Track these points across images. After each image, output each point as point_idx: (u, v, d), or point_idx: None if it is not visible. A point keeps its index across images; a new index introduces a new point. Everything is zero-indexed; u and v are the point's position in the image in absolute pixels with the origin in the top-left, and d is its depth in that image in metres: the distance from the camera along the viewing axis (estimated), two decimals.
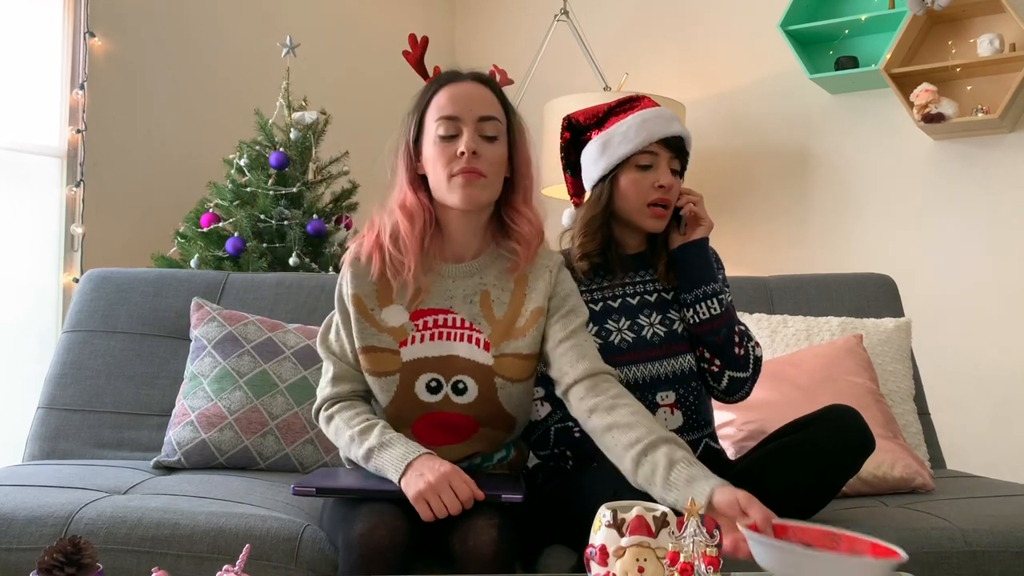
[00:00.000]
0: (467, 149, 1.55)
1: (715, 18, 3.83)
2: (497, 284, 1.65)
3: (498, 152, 1.59)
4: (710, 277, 1.77)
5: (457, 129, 1.57)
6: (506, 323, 1.63)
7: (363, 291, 1.62)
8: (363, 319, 1.62)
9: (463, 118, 1.57)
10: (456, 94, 1.58)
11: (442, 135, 1.57)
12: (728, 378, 1.78)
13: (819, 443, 1.64)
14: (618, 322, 1.78)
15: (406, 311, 1.61)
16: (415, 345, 1.60)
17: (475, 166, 1.55)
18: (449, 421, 1.61)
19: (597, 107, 1.83)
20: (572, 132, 1.85)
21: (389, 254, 1.60)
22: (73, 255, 2.98)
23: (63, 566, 1.07)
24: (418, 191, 1.61)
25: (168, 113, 3.25)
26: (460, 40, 4.44)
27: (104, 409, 2.18)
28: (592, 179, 1.80)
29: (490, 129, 1.58)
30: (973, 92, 3.29)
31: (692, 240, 1.78)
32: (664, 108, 1.80)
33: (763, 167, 3.72)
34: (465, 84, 1.60)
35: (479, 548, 1.42)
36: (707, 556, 1.08)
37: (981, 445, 3.12)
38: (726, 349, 1.76)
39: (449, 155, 1.56)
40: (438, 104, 1.59)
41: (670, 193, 1.75)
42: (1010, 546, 1.58)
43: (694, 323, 1.77)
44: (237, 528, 1.57)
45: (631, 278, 1.83)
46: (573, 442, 1.72)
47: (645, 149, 1.74)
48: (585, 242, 1.80)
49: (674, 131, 1.76)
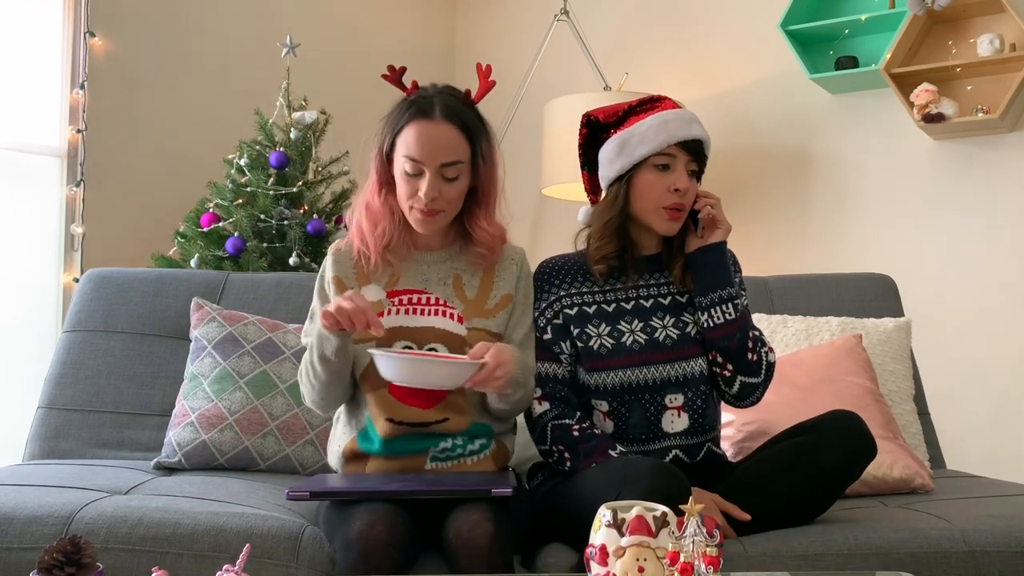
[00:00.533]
0: (426, 196, 1.67)
1: (715, 18, 3.83)
2: (467, 271, 1.78)
3: (458, 188, 1.71)
4: (726, 281, 1.76)
5: (419, 171, 1.68)
6: (477, 303, 1.76)
7: (343, 273, 1.77)
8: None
9: (426, 164, 1.67)
10: (422, 137, 1.67)
11: (407, 172, 1.68)
12: (740, 383, 1.77)
13: (821, 449, 1.64)
14: (631, 324, 1.78)
15: (383, 290, 1.74)
16: (392, 316, 1.72)
17: (433, 207, 1.68)
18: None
19: (618, 105, 1.82)
20: (590, 129, 1.83)
21: (358, 248, 1.76)
22: (73, 255, 2.98)
23: (63, 566, 1.07)
24: (388, 193, 1.75)
25: (168, 113, 3.25)
26: (460, 40, 4.44)
27: (104, 409, 2.18)
28: (609, 178, 1.79)
29: (451, 173, 1.68)
30: (973, 92, 3.28)
31: (709, 244, 1.77)
32: (686, 110, 1.79)
33: (763, 167, 3.72)
34: (433, 125, 1.68)
35: (475, 541, 1.44)
36: (707, 556, 1.08)
37: (981, 445, 3.12)
38: (739, 354, 1.75)
39: (411, 191, 1.69)
40: (407, 141, 1.69)
41: (686, 196, 1.74)
42: (1010, 546, 1.58)
43: (708, 327, 1.76)
44: (237, 527, 1.57)
45: (645, 280, 1.82)
46: (571, 440, 1.72)
47: (663, 151, 1.73)
48: (603, 244, 1.79)
49: (694, 134, 1.75)
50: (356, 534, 1.43)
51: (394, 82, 1.76)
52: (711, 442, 1.81)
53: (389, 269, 1.76)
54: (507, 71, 3.96)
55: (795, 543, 1.57)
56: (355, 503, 1.52)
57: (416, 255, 1.78)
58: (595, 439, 1.71)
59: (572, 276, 1.83)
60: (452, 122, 1.69)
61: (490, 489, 1.51)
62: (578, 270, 1.83)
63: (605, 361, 1.75)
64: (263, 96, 3.12)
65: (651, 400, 1.75)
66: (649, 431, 1.75)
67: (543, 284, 1.83)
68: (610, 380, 1.75)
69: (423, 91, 1.73)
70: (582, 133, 1.84)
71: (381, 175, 1.74)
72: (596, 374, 1.76)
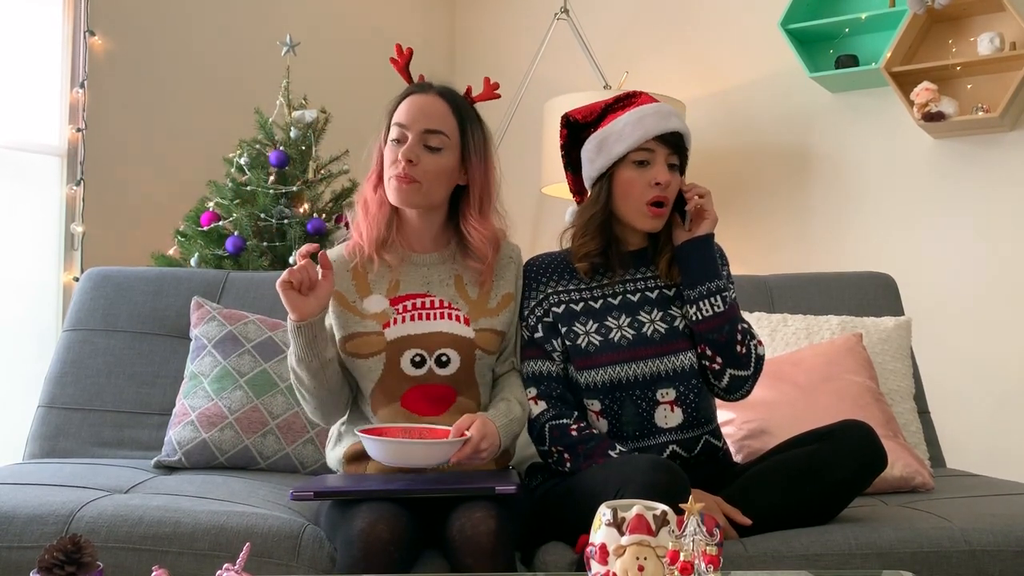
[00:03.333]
0: (403, 157, 1.68)
1: (715, 16, 3.83)
2: (467, 271, 1.79)
3: (439, 163, 1.70)
4: (714, 274, 1.76)
5: (404, 136, 1.70)
6: (480, 302, 1.77)
7: (343, 287, 1.75)
8: (346, 311, 1.74)
9: (410, 127, 1.69)
10: (412, 105, 1.71)
11: (393, 139, 1.71)
12: (729, 376, 1.77)
13: (833, 462, 1.64)
14: (618, 319, 1.78)
15: (386, 299, 1.74)
16: (398, 325, 1.72)
17: (409, 172, 1.68)
18: (434, 393, 1.71)
19: (594, 104, 1.82)
20: (570, 130, 1.84)
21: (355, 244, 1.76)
22: (73, 254, 2.97)
23: (63, 564, 1.07)
24: (380, 187, 1.75)
25: (168, 112, 3.25)
26: (460, 39, 4.44)
27: (104, 408, 2.18)
28: (591, 177, 1.79)
29: (434, 141, 1.70)
30: (973, 91, 3.28)
31: (696, 236, 1.76)
32: (663, 104, 1.78)
33: (763, 165, 3.72)
34: (425, 96, 1.72)
35: (478, 538, 1.44)
36: (707, 555, 1.08)
37: (981, 444, 3.12)
38: (728, 347, 1.75)
39: (392, 158, 1.70)
40: (397, 113, 1.72)
41: (668, 190, 1.74)
42: (1010, 545, 1.57)
43: (696, 320, 1.76)
44: (238, 526, 1.57)
45: (632, 275, 1.82)
46: (571, 441, 1.72)
47: (641, 146, 1.73)
48: (586, 242, 1.79)
49: (671, 127, 1.74)
50: (358, 533, 1.43)
51: (401, 69, 1.78)
52: (709, 434, 1.81)
53: (388, 274, 1.76)
54: (507, 70, 3.96)
55: (795, 543, 1.57)
56: (357, 502, 1.52)
57: (415, 257, 1.78)
58: (594, 439, 1.71)
59: (559, 274, 1.83)
60: (443, 98, 1.73)
61: (493, 487, 1.51)
62: (564, 267, 1.83)
63: (594, 359, 1.75)
64: (263, 95, 3.12)
65: (642, 396, 1.74)
66: (643, 427, 1.75)
67: (530, 282, 1.83)
68: (600, 377, 1.75)
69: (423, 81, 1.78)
70: (563, 134, 1.84)
71: (378, 167, 1.76)
72: (586, 372, 1.76)
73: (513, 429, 1.70)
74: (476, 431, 1.59)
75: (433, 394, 1.72)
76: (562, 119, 1.84)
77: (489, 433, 1.60)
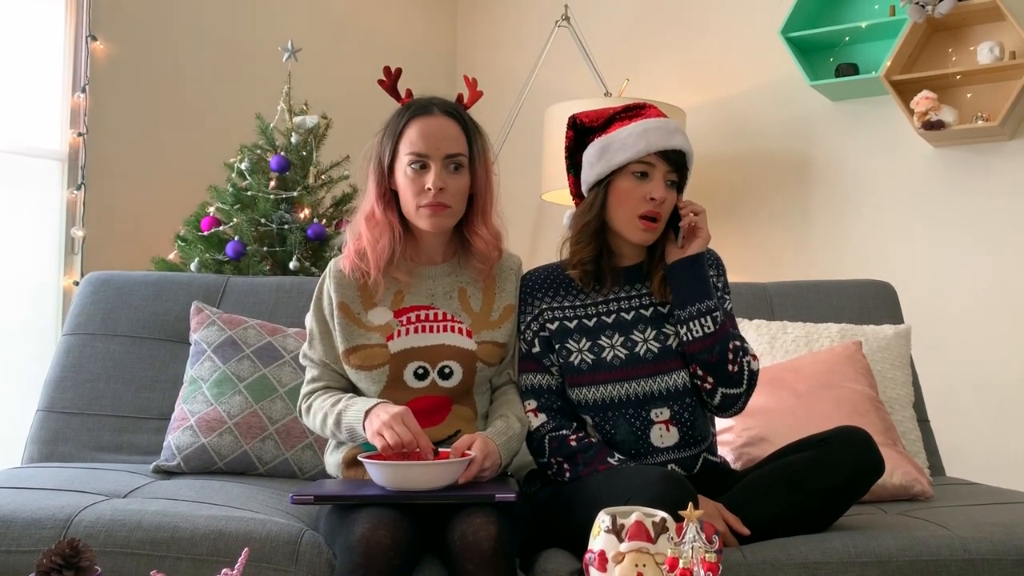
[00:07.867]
0: (434, 187, 1.69)
1: (716, 24, 3.83)
2: (471, 283, 1.81)
3: (462, 182, 1.73)
4: (704, 294, 1.74)
5: (426, 164, 1.70)
6: (483, 315, 1.78)
7: (348, 298, 1.76)
8: (350, 323, 1.75)
9: (431, 156, 1.70)
10: (427, 131, 1.71)
11: (413, 168, 1.70)
12: (721, 395, 1.75)
13: (830, 467, 1.63)
14: (611, 338, 1.77)
15: (390, 311, 1.75)
16: (402, 338, 1.73)
17: (441, 200, 1.70)
18: (434, 404, 1.72)
19: (603, 110, 1.82)
20: (576, 132, 1.83)
21: (356, 265, 1.75)
22: (73, 258, 2.97)
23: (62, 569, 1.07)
24: (387, 208, 1.75)
25: (169, 116, 3.25)
26: (461, 46, 4.45)
27: (103, 412, 2.18)
28: (589, 182, 1.79)
29: (455, 163, 1.72)
30: (973, 99, 3.29)
31: (686, 256, 1.75)
32: (669, 120, 1.77)
33: (763, 173, 3.72)
34: (435, 120, 1.72)
35: (479, 544, 1.44)
36: (706, 562, 1.08)
37: (980, 452, 3.12)
38: (719, 367, 1.73)
39: (418, 188, 1.70)
40: (410, 139, 1.71)
41: (662, 207, 1.73)
42: (1009, 554, 1.57)
43: (687, 341, 1.74)
44: (236, 531, 1.57)
45: (627, 292, 1.82)
46: (570, 451, 1.72)
47: (642, 159, 1.72)
48: (580, 248, 1.79)
49: (674, 144, 1.73)
50: (359, 538, 1.43)
51: (389, 88, 1.79)
52: (706, 452, 1.80)
53: (395, 286, 1.77)
54: (508, 76, 3.98)
55: (794, 551, 1.57)
56: (357, 507, 1.53)
57: (420, 270, 1.79)
58: (593, 448, 1.71)
59: (555, 289, 1.83)
60: (452, 117, 1.74)
61: (493, 494, 1.52)
62: (560, 282, 1.83)
63: (586, 377, 1.76)
64: (264, 100, 3.12)
65: (636, 415, 1.74)
66: (639, 446, 1.74)
67: (526, 296, 1.83)
68: (592, 395, 1.75)
69: (418, 98, 1.78)
70: (568, 136, 1.84)
71: (381, 188, 1.75)
72: (578, 389, 1.76)
73: (512, 447, 1.71)
74: (479, 450, 1.60)
75: (433, 406, 1.73)
76: (569, 120, 1.83)
77: (491, 452, 1.62)
